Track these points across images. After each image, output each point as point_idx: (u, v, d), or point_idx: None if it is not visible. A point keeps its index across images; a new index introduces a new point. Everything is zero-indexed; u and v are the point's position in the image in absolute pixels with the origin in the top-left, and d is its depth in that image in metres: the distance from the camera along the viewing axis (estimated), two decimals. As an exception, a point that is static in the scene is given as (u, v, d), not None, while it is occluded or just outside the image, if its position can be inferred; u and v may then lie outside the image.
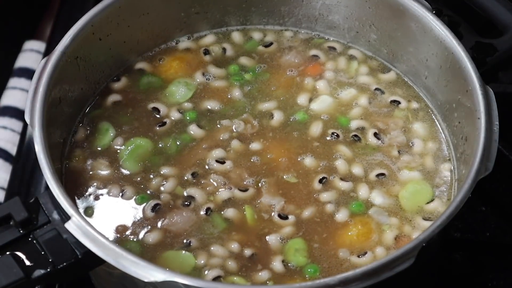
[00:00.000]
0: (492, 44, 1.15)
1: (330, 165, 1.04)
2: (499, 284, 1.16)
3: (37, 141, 0.95)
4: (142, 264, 0.87)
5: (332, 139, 1.07)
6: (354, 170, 1.04)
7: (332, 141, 1.06)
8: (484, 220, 1.21)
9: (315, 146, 1.06)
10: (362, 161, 1.05)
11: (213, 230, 0.99)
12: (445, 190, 1.03)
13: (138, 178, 1.03)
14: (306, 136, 1.07)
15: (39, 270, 0.89)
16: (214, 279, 0.94)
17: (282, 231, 0.98)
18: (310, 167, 1.04)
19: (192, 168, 1.03)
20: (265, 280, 0.95)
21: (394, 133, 1.08)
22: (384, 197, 1.02)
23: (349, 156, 1.05)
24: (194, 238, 0.98)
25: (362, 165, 1.04)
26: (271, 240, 0.98)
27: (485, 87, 1.01)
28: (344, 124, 1.08)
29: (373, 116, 1.09)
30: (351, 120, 1.08)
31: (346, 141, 1.07)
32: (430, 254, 0.99)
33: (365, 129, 1.08)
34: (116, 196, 1.01)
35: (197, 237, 0.98)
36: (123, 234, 0.98)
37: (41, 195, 0.93)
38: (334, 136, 1.07)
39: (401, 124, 1.09)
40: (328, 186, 1.03)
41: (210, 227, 0.99)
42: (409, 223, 1.00)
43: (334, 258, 0.97)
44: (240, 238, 0.98)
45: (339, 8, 1.15)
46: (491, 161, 0.95)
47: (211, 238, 0.98)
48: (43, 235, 0.91)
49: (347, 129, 1.08)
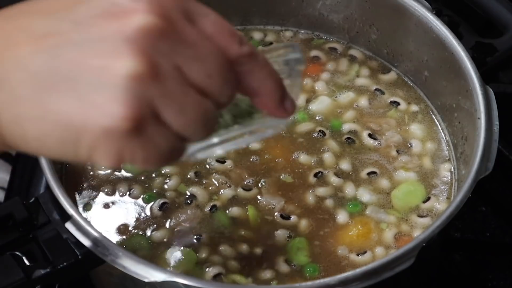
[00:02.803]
0: (492, 44, 1.15)
1: (321, 161, 1.04)
2: (499, 284, 1.16)
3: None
4: (142, 264, 0.87)
5: (319, 137, 1.06)
6: (343, 166, 1.04)
7: (319, 139, 1.06)
8: (484, 220, 1.21)
9: (306, 144, 1.06)
10: (355, 160, 1.05)
11: (218, 229, 0.99)
12: (444, 190, 1.03)
13: (141, 177, 1.03)
14: (306, 136, 1.07)
15: (39, 270, 0.89)
16: (215, 276, 0.94)
17: (284, 230, 0.98)
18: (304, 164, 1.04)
19: (193, 167, 1.03)
20: (267, 279, 0.95)
21: (389, 133, 1.08)
22: (376, 195, 1.02)
23: (339, 153, 1.05)
24: (200, 236, 0.98)
25: (354, 164, 1.04)
26: (273, 240, 0.98)
27: (485, 87, 1.01)
28: (337, 127, 1.07)
29: (373, 117, 1.09)
30: (343, 123, 1.08)
31: (337, 140, 1.06)
32: (430, 254, 0.99)
33: (362, 130, 1.07)
34: (118, 195, 1.01)
35: (203, 234, 0.98)
36: (126, 234, 0.98)
37: (41, 195, 0.93)
38: (320, 134, 1.06)
39: (399, 124, 1.09)
40: (323, 182, 1.03)
41: (214, 225, 0.99)
42: (406, 223, 1.00)
43: (334, 256, 0.97)
44: (243, 237, 0.98)
45: (339, 8, 1.15)
46: (491, 161, 0.95)
47: (215, 236, 0.98)
48: (43, 235, 0.90)
49: (340, 132, 1.07)
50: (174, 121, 0.68)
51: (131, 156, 0.69)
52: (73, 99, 0.67)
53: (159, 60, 0.67)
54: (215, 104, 0.71)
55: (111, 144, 0.67)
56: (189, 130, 0.70)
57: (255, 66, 0.73)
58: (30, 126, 0.68)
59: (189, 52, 0.68)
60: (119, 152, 0.68)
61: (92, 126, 0.67)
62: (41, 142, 0.69)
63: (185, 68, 0.68)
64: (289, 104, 0.76)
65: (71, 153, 0.69)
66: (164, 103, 0.67)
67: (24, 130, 0.69)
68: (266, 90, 0.74)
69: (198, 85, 0.69)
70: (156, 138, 0.68)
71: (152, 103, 0.67)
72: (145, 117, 0.67)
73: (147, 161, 0.70)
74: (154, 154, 0.69)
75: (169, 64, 0.67)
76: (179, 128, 0.69)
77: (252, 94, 0.74)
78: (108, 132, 0.67)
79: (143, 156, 0.69)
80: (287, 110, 0.76)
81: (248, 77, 0.73)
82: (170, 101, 0.68)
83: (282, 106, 0.76)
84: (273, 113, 0.76)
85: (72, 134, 0.67)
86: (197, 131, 0.70)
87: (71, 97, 0.67)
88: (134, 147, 0.68)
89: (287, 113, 0.76)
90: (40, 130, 0.68)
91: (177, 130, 0.69)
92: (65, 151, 0.69)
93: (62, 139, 0.68)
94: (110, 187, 1.02)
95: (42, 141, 0.69)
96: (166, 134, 0.69)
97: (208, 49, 0.69)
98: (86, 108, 0.66)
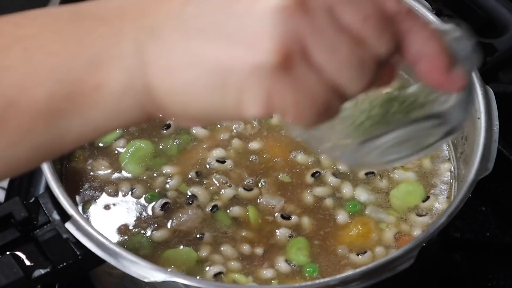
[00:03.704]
0: (492, 44, 1.15)
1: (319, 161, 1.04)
2: (499, 284, 1.16)
3: (37, 141, 0.95)
4: (142, 264, 0.87)
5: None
6: (340, 166, 1.04)
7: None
8: (484, 220, 1.21)
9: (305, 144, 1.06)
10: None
11: (219, 228, 0.99)
12: (444, 190, 1.03)
13: (144, 177, 1.03)
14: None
15: (39, 270, 0.89)
16: (215, 275, 0.95)
17: (284, 230, 0.99)
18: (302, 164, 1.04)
19: (194, 167, 1.03)
20: (268, 278, 0.95)
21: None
22: (374, 195, 1.02)
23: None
24: (201, 235, 0.98)
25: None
26: (274, 239, 0.98)
27: (485, 87, 1.01)
28: None
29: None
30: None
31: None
32: (430, 254, 0.99)
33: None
34: (118, 195, 1.01)
35: (204, 234, 0.98)
36: (127, 234, 0.98)
37: (41, 195, 0.93)
38: None
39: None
40: (320, 181, 1.03)
41: (215, 225, 0.99)
42: (405, 222, 1.00)
43: (334, 256, 0.97)
44: (244, 237, 0.98)
45: (339, 8, 1.15)
46: (491, 161, 0.95)
47: (216, 236, 0.98)
48: (43, 235, 0.91)
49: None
50: (325, 62, 0.64)
51: (282, 98, 0.65)
52: (220, 42, 0.65)
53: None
54: (373, 54, 0.65)
55: (260, 83, 0.64)
56: (343, 75, 0.65)
57: (415, 25, 0.67)
58: (178, 74, 0.66)
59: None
60: (268, 93, 0.64)
61: (239, 65, 0.64)
62: (188, 93, 0.66)
63: (338, 8, 0.64)
64: (457, 74, 0.68)
65: (219, 102, 0.66)
66: (315, 41, 0.64)
67: (173, 79, 0.66)
68: (429, 53, 0.67)
69: (352, 28, 0.64)
70: (307, 80, 0.64)
71: (302, 39, 0.64)
72: (295, 53, 0.63)
73: (299, 109, 0.65)
74: (306, 100, 0.65)
75: (319, 1, 0.64)
76: (332, 71, 0.64)
77: (414, 58, 0.68)
78: (256, 69, 0.64)
79: (293, 99, 0.64)
80: (455, 80, 0.68)
81: (409, 37, 0.67)
82: (321, 38, 0.64)
83: (449, 75, 0.68)
84: (438, 82, 0.68)
85: (220, 78, 0.65)
86: (351, 79, 0.65)
87: (218, 40, 0.65)
88: (284, 87, 0.64)
89: (455, 84, 0.68)
90: (188, 77, 0.66)
91: (330, 75, 0.64)
92: (213, 101, 0.66)
93: (210, 85, 0.65)
94: (112, 187, 1.02)
95: (189, 91, 0.66)
96: (318, 78, 0.64)
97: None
98: (233, 48, 0.64)
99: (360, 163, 0.74)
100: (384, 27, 0.65)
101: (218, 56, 0.65)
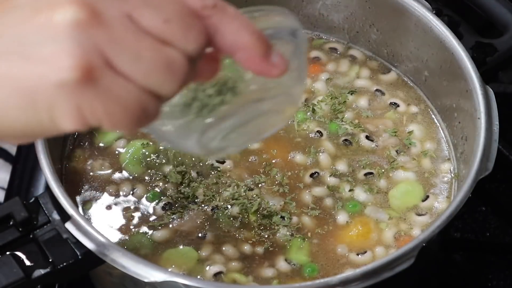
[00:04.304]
0: (492, 44, 1.15)
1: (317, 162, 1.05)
2: (499, 284, 1.16)
3: (37, 141, 0.95)
4: (142, 264, 0.87)
5: (315, 137, 1.07)
6: (339, 167, 1.04)
7: (316, 139, 1.07)
8: (484, 220, 1.21)
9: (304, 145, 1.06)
10: (352, 161, 1.05)
11: (219, 228, 0.99)
12: (444, 190, 1.04)
13: (145, 177, 1.03)
14: (303, 136, 1.07)
15: (39, 270, 0.89)
16: (215, 275, 0.95)
17: (284, 230, 0.99)
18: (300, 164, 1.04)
19: (194, 167, 1.03)
20: (268, 277, 0.95)
21: (386, 135, 1.08)
22: (373, 195, 1.02)
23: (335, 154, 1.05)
24: (201, 235, 0.98)
25: (351, 164, 1.04)
26: (274, 239, 0.98)
27: (485, 87, 1.01)
28: (335, 130, 1.07)
29: (371, 118, 1.09)
30: (342, 125, 1.08)
31: (334, 142, 1.06)
32: (430, 254, 0.99)
33: (360, 132, 1.07)
34: (119, 195, 1.02)
35: (204, 234, 0.98)
36: (127, 233, 0.98)
37: (41, 195, 0.93)
38: (317, 134, 1.07)
39: (397, 125, 1.09)
40: (319, 182, 1.03)
41: (216, 225, 0.99)
42: (404, 222, 1.01)
43: (333, 255, 0.97)
44: (244, 236, 0.98)
45: (339, 8, 1.16)
46: (491, 161, 0.95)
47: (217, 235, 0.98)
48: (43, 235, 0.91)
49: (336, 135, 1.07)
50: (131, 70, 0.64)
51: (92, 111, 0.65)
52: (23, 60, 0.65)
53: (100, 6, 0.64)
54: (182, 53, 0.66)
55: (67, 100, 0.64)
56: (152, 79, 0.65)
57: (224, 17, 0.68)
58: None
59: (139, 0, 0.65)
60: (78, 108, 0.65)
61: (43, 83, 0.64)
62: (2, 115, 0.66)
63: (135, 14, 0.65)
64: (277, 58, 0.69)
65: (33, 120, 0.66)
66: (114, 50, 0.64)
67: None
68: (243, 43, 0.68)
69: (154, 31, 0.65)
70: (115, 89, 0.64)
71: (102, 51, 0.64)
72: (97, 66, 0.64)
73: (113, 118, 0.65)
74: (118, 108, 0.65)
75: (114, 11, 0.64)
76: (139, 77, 0.65)
77: (230, 50, 0.68)
78: (60, 87, 0.64)
79: (104, 110, 0.65)
80: (275, 64, 0.69)
81: (220, 31, 0.68)
82: (121, 47, 0.64)
83: (269, 60, 0.69)
84: (259, 69, 0.69)
85: (28, 97, 0.65)
86: (161, 81, 0.65)
87: (21, 59, 0.65)
88: (91, 100, 0.64)
89: (276, 69, 0.69)
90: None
91: (139, 81, 0.65)
92: (27, 119, 0.66)
93: (21, 104, 0.65)
94: (113, 187, 1.02)
95: (2, 113, 0.66)
96: (127, 85, 0.65)
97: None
98: (36, 67, 0.64)
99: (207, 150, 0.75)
100: (188, 25, 0.66)
101: (23, 75, 0.65)
